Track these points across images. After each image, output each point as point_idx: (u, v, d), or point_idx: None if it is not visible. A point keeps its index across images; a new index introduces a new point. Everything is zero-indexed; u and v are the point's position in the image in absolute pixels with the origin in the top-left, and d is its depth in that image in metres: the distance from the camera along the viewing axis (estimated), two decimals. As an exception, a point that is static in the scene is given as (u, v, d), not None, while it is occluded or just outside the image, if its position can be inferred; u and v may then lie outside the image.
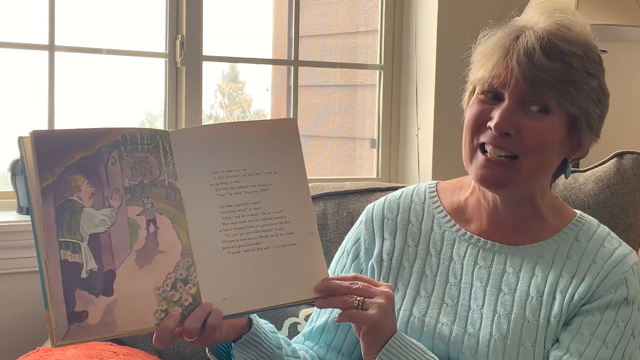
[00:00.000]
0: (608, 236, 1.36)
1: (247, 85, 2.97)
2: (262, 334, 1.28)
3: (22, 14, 2.36)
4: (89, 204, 1.10)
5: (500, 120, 1.26)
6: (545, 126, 1.27)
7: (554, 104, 1.26)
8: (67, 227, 1.08)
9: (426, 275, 1.39)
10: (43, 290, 1.06)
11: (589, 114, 1.29)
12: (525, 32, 1.28)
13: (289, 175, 1.21)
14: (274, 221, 1.19)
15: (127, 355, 1.68)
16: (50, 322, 1.07)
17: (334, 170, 3.04)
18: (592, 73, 1.28)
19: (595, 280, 1.30)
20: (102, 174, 1.11)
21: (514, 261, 1.35)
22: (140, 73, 2.52)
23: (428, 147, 2.76)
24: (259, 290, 1.18)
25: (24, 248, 2.10)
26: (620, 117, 3.10)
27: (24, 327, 2.11)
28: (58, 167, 1.09)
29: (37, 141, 1.09)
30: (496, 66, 1.28)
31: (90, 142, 1.11)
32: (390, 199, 1.47)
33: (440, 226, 1.41)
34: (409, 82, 2.85)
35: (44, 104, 2.29)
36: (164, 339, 1.11)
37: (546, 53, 1.25)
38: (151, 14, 2.51)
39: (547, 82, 1.25)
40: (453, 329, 1.33)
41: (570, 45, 1.27)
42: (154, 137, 1.15)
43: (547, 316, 1.30)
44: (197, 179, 1.17)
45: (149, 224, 1.13)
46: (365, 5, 2.97)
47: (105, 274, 1.09)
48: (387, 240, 1.43)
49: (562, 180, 2.07)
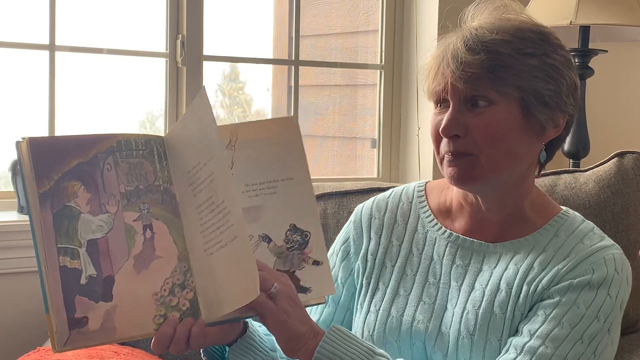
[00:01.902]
0: (590, 232, 1.34)
1: (247, 85, 2.97)
2: (256, 337, 1.28)
3: (22, 14, 2.36)
4: (86, 210, 1.10)
5: (445, 124, 1.28)
6: (491, 118, 1.26)
7: (493, 94, 1.26)
8: (65, 233, 1.08)
9: (406, 274, 1.39)
10: (44, 295, 1.07)
11: (538, 91, 1.26)
12: (453, 38, 1.30)
13: (217, 161, 1.13)
14: (222, 214, 1.12)
15: (127, 355, 1.68)
16: (51, 328, 1.07)
17: (335, 170, 3.04)
18: (528, 53, 1.26)
19: (562, 271, 1.28)
20: (99, 180, 1.12)
21: (490, 259, 1.34)
22: (141, 73, 2.52)
23: (429, 146, 2.76)
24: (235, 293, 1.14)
25: (25, 248, 2.10)
26: (621, 116, 3.10)
27: (25, 327, 2.12)
28: (54, 174, 1.09)
29: (33, 147, 1.09)
30: (435, 77, 1.30)
31: (85, 148, 1.12)
32: (380, 199, 1.48)
33: (424, 226, 1.41)
34: (409, 82, 2.85)
35: (44, 104, 2.29)
36: (162, 344, 1.12)
37: (469, 48, 1.26)
38: (152, 14, 2.51)
39: (477, 75, 1.25)
40: (428, 326, 1.33)
41: (496, 34, 1.27)
42: (148, 142, 1.16)
43: (513, 309, 1.29)
44: (183, 182, 1.17)
45: (145, 230, 1.13)
46: (366, 5, 2.96)
47: (104, 279, 1.09)
48: (372, 240, 1.44)
49: (563, 180, 2.07)
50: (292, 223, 1.23)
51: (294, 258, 1.22)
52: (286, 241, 1.22)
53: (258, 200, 1.21)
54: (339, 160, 3.04)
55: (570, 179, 2.08)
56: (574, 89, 1.32)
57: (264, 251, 1.21)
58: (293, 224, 1.23)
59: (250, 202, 1.21)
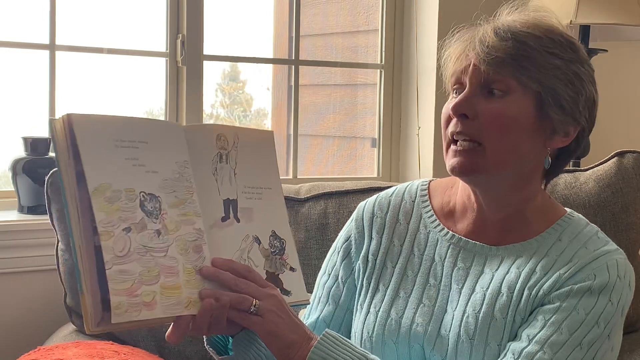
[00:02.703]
0: (594, 236, 1.33)
1: (247, 84, 2.97)
2: None
3: (22, 14, 2.36)
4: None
5: (457, 102, 1.27)
6: (503, 108, 1.25)
7: (513, 83, 1.25)
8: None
9: (407, 275, 1.38)
10: (77, 276, 1.06)
11: (556, 92, 1.26)
12: (485, 26, 1.30)
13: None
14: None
15: (128, 355, 1.68)
16: (85, 308, 1.06)
17: (335, 170, 3.04)
18: (554, 53, 1.26)
19: (564, 276, 1.27)
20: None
21: (492, 262, 1.33)
22: (141, 72, 2.53)
23: (429, 146, 2.76)
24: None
25: (25, 247, 2.10)
26: (621, 115, 3.10)
27: (26, 327, 2.12)
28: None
29: (76, 124, 1.07)
30: (458, 59, 1.30)
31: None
32: (382, 197, 1.47)
33: (426, 226, 1.41)
34: (409, 81, 2.85)
35: (44, 103, 2.29)
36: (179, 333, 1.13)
37: (499, 35, 1.26)
38: (152, 14, 2.51)
39: (501, 59, 1.24)
40: (427, 329, 1.33)
41: (527, 28, 1.27)
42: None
43: (513, 313, 1.28)
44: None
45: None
46: (366, 4, 2.97)
47: None
48: (374, 240, 1.43)
49: (563, 180, 2.07)
50: (273, 230, 1.27)
51: (277, 262, 1.26)
52: (270, 245, 1.26)
53: (251, 203, 1.25)
54: (339, 159, 3.04)
55: (570, 178, 2.08)
56: (592, 103, 1.31)
57: (257, 251, 1.24)
58: (274, 230, 1.27)
59: (247, 203, 1.25)
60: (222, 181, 1.21)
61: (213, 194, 1.20)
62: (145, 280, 1.08)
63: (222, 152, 1.22)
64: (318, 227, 2.02)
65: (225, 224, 1.20)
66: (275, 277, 1.25)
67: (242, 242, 1.22)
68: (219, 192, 1.21)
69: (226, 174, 1.22)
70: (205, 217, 1.18)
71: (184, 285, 1.12)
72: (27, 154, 2.16)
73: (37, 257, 2.12)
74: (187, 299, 1.12)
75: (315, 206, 2.05)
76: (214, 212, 1.19)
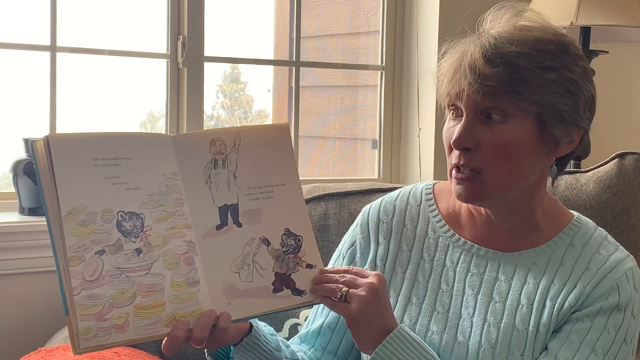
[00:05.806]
0: (604, 241, 1.34)
1: (248, 85, 2.97)
2: (261, 336, 1.28)
3: (23, 15, 2.36)
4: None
5: (457, 136, 1.26)
6: (504, 136, 1.24)
7: (511, 108, 1.23)
8: None
9: (418, 281, 1.38)
10: (63, 297, 1.06)
11: (556, 107, 1.24)
12: (470, 45, 1.26)
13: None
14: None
15: (128, 356, 1.68)
16: (71, 330, 1.06)
17: (336, 171, 3.04)
18: (547, 66, 1.24)
19: (587, 288, 1.28)
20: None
21: (506, 268, 1.33)
22: (142, 74, 2.53)
23: (429, 147, 2.77)
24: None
25: (26, 249, 2.10)
26: (622, 117, 3.10)
27: (26, 328, 2.12)
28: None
29: (53, 145, 1.07)
30: (449, 84, 1.28)
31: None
32: (387, 201, 1.46)
33: (435, 231, 1.40)
34: (410, 83, 2.85)
35: (45, 105, 2.29)
36: (174, 346, 1.12)
37: (489, 60, 1.23)
38: (153, 15, 2.51)
39: (495, 89, 1.22)
40: (443, 337, 1.32)
41: (515, 46, 1.23)
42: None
43: (536, 324, 1.28)
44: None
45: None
46: (367, 6, 2.97)
47: None
48: (381, 245, 1.42)
49: (564, 181, 2.07)
50: (287, 227, 1.25)
51: (289, 261, 1.24)
52: (282, 245, 1.24)
53: (258, 204, 1.23)
54: (340, 161, 3.04)
55: (571, 179, 2.08)
56: (591, 101, 1.30)
57: (264, 254, 1.22)
58: (287, 228, 1.25)
59: (252, 205, 1.23)
60: (217, 188, 1.20)
61: (206, 202, 1.18)
62: (118, 302, 1.08)
63: (217, 157, 1.20)
64: (319, 228, 2.02)
65: (221, 232, 1.19)
66: (287, 277, 1.23)
67: (245, 247, 1.20)
68: (213, 200, 1.19)
69: (223, 180, 1.20)
70: (197, 227, 1.16)
71: (169, 301, 1.11)
72: (28, 156, 2.16)
73: (38, 258, 2.11)
74: (171, 316, 1.11)
75: (316, 208, 2.05)
76: (207, 221, 1.18)
